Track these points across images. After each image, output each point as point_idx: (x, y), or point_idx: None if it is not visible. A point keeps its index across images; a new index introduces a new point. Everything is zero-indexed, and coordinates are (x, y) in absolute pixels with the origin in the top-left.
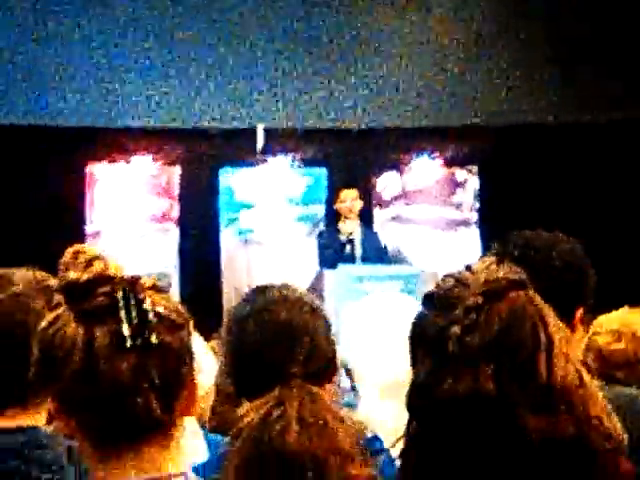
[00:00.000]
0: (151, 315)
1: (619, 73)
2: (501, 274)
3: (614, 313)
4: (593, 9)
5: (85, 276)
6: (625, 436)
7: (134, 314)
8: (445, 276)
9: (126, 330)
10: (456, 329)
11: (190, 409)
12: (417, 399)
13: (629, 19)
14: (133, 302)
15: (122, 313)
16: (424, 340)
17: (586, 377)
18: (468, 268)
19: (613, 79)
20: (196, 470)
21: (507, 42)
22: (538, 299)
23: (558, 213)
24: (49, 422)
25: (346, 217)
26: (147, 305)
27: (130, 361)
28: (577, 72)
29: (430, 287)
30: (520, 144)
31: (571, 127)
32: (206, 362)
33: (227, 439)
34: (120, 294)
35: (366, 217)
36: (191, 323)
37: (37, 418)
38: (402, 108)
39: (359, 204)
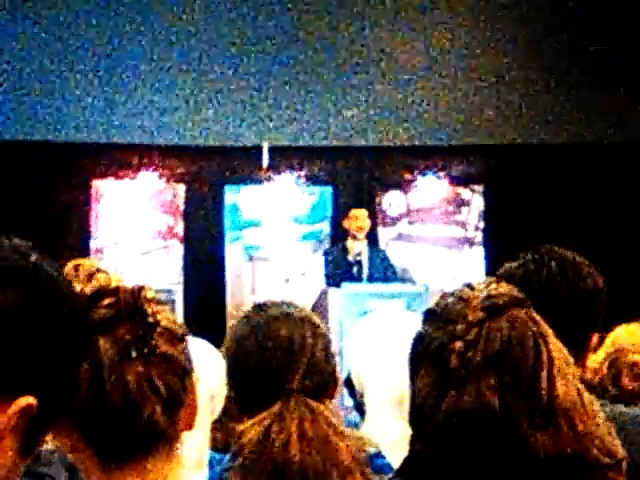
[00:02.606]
0: (155, 325)
1: (622, 94)
2: (501, 291)
3: (633, 328)
4: (595, 28)
5: (88, 288)
6: (625, 454)
7: (139, 324)
8: (445, 293)
9: (131, 340)
10: (458, 344)
11: (190, 423)
12: (419, 415)
13: (633, 40)
14: (137, 312)
15: (127, 323)
16: (426, 356)
17: (586, 395)
18: (468, 285)
19: (616, 100)
20: None
21: (510, 62)
22: (538, 317)
23: (562, 232)
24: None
25: (355, 236)
26: (150, 316)
27: (136, 371)
28: (580, 93)
29: None
30: (525, 163)
31: (575, 147)
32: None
33: (228, 455)
34: (124, 305)
35: (371, 235)
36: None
37: None
38: (407, 127)
39: (368, 223)
